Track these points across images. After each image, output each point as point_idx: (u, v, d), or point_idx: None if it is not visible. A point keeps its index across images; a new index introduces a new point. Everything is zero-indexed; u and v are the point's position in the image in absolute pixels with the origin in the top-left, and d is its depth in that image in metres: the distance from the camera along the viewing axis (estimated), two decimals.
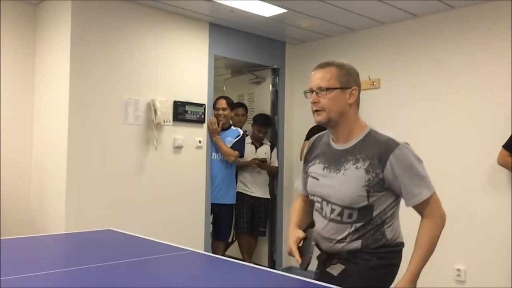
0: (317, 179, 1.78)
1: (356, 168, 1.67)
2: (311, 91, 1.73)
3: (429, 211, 1.66)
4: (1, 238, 2.33)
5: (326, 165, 1.76)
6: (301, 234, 1.78)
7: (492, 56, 3.51)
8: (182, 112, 3.94)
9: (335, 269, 1.69)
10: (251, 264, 1.72)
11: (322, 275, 1.75)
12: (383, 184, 1.66)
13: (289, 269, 4.66)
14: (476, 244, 3.48)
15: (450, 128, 3.70)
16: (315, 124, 4.70)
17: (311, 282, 1.50)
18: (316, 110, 1.72)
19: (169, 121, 3.82)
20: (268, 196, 4.64)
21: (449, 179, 3.53)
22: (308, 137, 4.39)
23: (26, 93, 3.77)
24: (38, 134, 3.75)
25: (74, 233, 2.58)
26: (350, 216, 1.68)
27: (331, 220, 1.72)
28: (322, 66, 1.74)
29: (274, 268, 4.15)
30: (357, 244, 1.70)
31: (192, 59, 4.08)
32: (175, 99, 3.91)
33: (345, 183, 1.68)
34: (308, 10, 3.82)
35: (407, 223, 1.85)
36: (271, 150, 4.65)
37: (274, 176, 4.77)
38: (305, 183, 1.91)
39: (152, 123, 3.75)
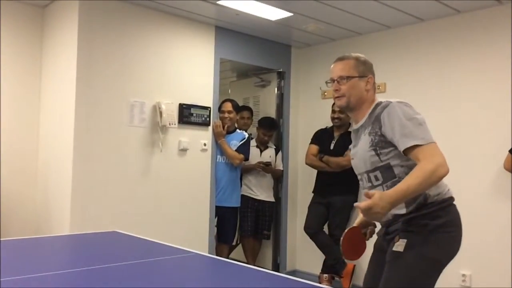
0: (353, 158, 2.01)
1: (364, 135, 1.91)
2: (332, 80, 1.98)
3: (424, 157, 1.71)
4: (7, 238, 2.35)
5: (353, 145, 2.03)
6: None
7: (499, 60, 3.49)
8: (187, 115, 3.95)
9: (400, 246, 1.77)
10: (255, 267, 1.71)
11: (391, 256, 1.82)
12: (385, 140, 1.83)
13: (293, 273, 4.65)
14: (482, 250, 3.46)
15: (456, 133, 3.68)
16: (320, 128, 4.71)
17: (314, 285, 1.49)
18: (338, 97, 1.96)
19: (175, 124, 3.82)
20: (272, 199, 4.64)
21: (455, 184, 3.49)
22: (313, 140, 4.39)
23: (33, 95, 3.80)
24: (44, 136, 3.77)
25: (79, 234, 2.59)
26: (376, 178, 1.87)
27: (367, 189, 1.91)
28: (341, 58, 2.00)
29: (278, 272, 4.15)
30: (401, 205, 1.79)
31: (198, 62, 4.09)
32: (180, 102, 3.92)
33: (360, 151, 1.92)
34: (314, 13, 3.83)
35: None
36: (276, 153, 4.65)
37: (278, 179, 4.77)
38: None
39: (158, 125, 3.76)
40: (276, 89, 4.89)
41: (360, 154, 1.92)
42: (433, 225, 1.77)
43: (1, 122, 3.61)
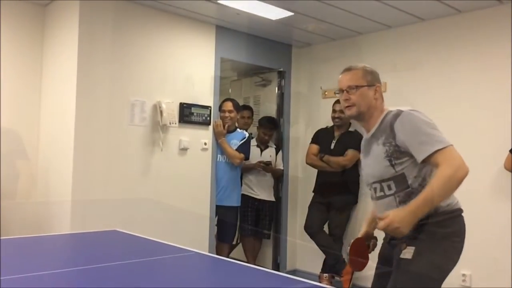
0: (363, 169, 2.06)
1: (377, 145, 1.91)
2: (341, 90, 1.99)
3: (443, 160, 1.73)
4: (7, 237, 2.35)
5: (363, 154, 2.05)
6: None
7: (500, 60, 3.49)
8: (188, 114, 3.95)
9: (408, 253, 1.80)
10: (256, 266, 1.71)
11: (399, 264, 1.83)
12: (400, 150, 1.83)
13: (293, 272, 4.65)
14: (482, 250, 3.46)
15: (456, 133, 3.66)
16: (321, 127, 4.70)
17: (315, 285, 1.49)
18: (348, 106, 1.98)
19: (175, 123, 3.83)
20: (273, 199, 4.64)
21: None
22: (314, 140, 4.39)
23: (34, 93, 3.79)
24: (45, 134, 3.77)
25: (79, 233, 2.59)
26: (389, 187, 1.88)
27: (378, 198, 1.94)
28: (349, 69, 2.01)
29: (278, 271, 4.15)
30: None
31: (199, 61, 4.09)
32: (181, 101, 3.92)
33: (373, 161, 1.93)
34: (315, 13, 3.83)
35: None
36: (276, 152, 4.65)
37: (279, 179, 4.77)
38: None
39: (158, 124, 3.76)
40: (276, 88, 4.89)
41: (373, 164, 1.93)
42: (441, 234, 1.81)
43: (2, 120, 3.61)
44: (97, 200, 3.44)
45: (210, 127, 4.13)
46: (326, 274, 4.10)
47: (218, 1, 3.60)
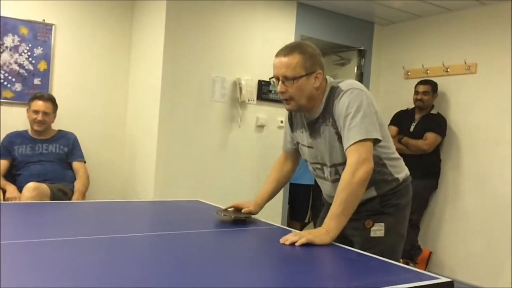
0: (311, 147, 1.89)
1: (327, 126, 1.79)
2: (277, 78, 1.77)
3: (351, 156, 1.66)
4: (97, 200, 2.54)
5: (309, 134, 1.88)
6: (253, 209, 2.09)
7: None
8: (266, 92, 3.99)
9: (379, 231, 1.80)
10: (340, 244, 1.71)
11: (369, 243, 1.78)
12: None
13: None
14: None
15: None
16: (401, 109, 4.51)
17: (387, 261, 1.47)
18: (285, 99, 1.79)
19: (253, 100, 3.88)
20: None
21: None
22: (392, 121, 4.25)
23: (122, 69, 4.00)
24: (132, 108, 3.99)
25: (163, 201, 2.73)
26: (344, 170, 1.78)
27: (333, 181, 1.85)
28: (285, 54, 1.75)
29: None
30: (372, 191, 1.80)
31: (279, 38, 4.07)
32: (259, 78, 3.96)
33: (326, 144, 1.81)
34: None
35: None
36: None
37: None
38: (291, 140, 2.08)
39: (237, 101, 3.84)
40: (356, 68, 4.77)
41: (327, 147, 1.81)
42: (402, 204, 1.85)
43: (93, 96, 3.88)
44: (179, 171, 3.61)
45: None
46: (401, 260, 4.01)
47: None
